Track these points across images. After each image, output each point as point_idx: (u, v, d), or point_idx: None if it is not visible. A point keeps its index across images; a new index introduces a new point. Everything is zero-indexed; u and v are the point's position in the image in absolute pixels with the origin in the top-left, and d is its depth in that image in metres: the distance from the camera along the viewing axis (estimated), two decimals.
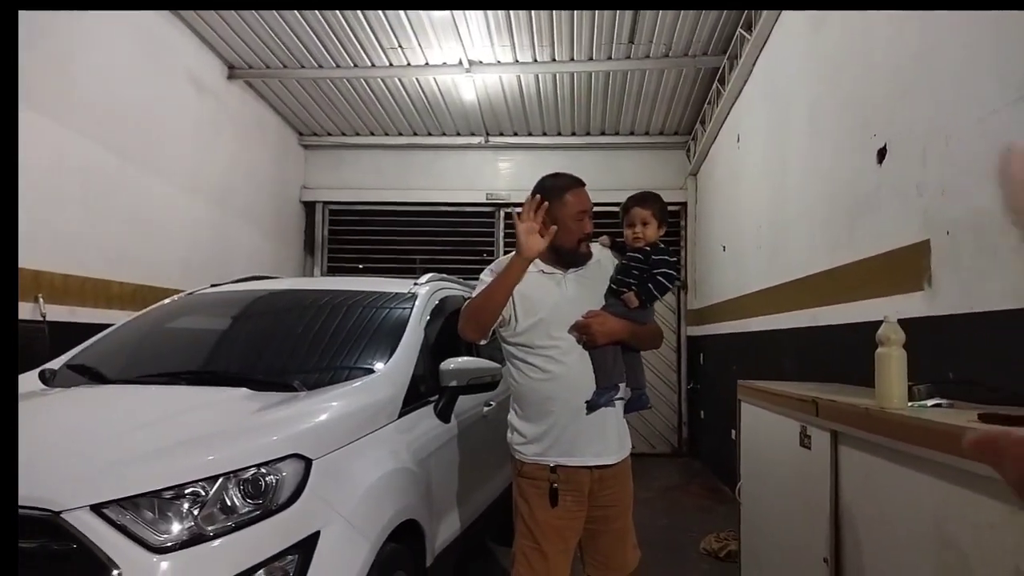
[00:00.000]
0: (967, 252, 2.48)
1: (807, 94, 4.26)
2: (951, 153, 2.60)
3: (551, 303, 2.28)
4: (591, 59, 6.41)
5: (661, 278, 2.28)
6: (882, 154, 3.17)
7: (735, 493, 3.51)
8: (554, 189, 2.36)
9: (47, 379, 2.67)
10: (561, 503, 2.22)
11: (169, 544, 1.67)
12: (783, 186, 4.73)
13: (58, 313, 4.47)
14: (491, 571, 3.93)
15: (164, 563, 1.64)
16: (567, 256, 2.34)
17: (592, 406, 2.23)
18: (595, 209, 2.44)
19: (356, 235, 8.93)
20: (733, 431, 5.23)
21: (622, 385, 2.31)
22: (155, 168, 5.58)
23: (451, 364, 2.82)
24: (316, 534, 1.86)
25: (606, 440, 2.28)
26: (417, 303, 3.11)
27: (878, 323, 2.12)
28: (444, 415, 2.89)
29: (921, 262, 2.75)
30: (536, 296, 2.29)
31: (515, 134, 8.43)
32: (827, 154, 3.90)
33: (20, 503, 1.65)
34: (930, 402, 2.03)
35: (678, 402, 8.29)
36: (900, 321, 2.07)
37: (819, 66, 4.07)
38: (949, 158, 2.62)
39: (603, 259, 2.44)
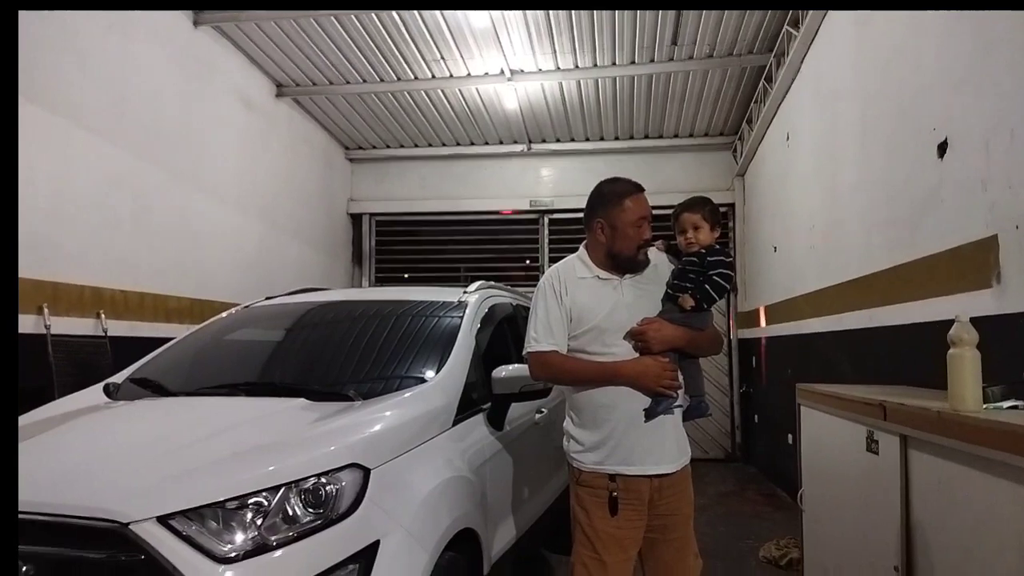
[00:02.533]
0: None
1: (858, 90, 4.15)
2: (1016, 146, 2.50)
3: (607, 310, 2.26)
4: (633, 63, 6.38)
5: (717, 278, 2.24)
6: (943, 148, 3.06)
7: (797, 499, 3.41)
8: (612, 195, 2.33)
9: (111, 392, 2.75)
10: (621, 512, 2.19)
11: (233, 554, 1.69)
12: (836, 184, 4.61)
13: (119, 328, 4.62)
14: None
15: (229, 573, 1.67)
16: (625, 263, 2.31)
17: (650, 414, 2.20)
18: None
19: (402, 245, 9.04)
20: (790, 435, 5.10)
21: (680, 392, 2.27)
22: (205, 185, 5.75)
23: (503, 372, 2.81)
24: (376, 543, 1.87)
25: (665, 448, 2.24)
26: (467, 311, 3.12)
27: (942, 322, 2.05)
28: (497, 423, 2.88)
29: (989, 258, 2.64)
30: (591, 303, 2.27)
31: (557, 140, 8.42)
32: (882, 150, 3.79)
33: (89, 515, 1.70)
34: (1006, 404, 1.95)
35: (731, 406, 8.14)
36: (968, 320, 1.99)
37: (870, 61, 3.96)
38: (1014, 151, 2.51)
39: (660, 264, 2.40)
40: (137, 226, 4.91)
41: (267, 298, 3.69)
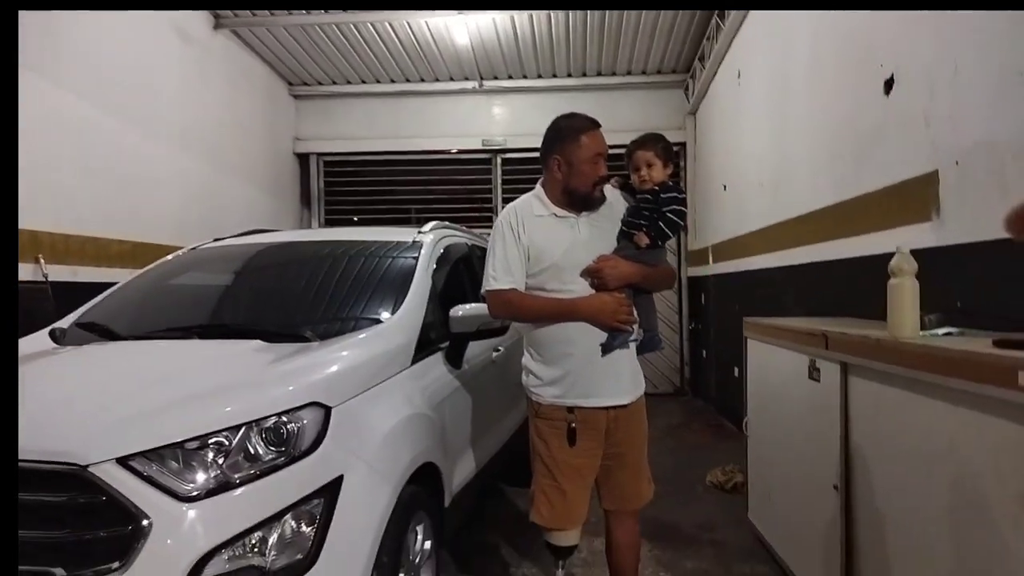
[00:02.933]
0: (975, 181, 2.47)
1: (809, 25, 4.17)
2: (959, 82, 2.56)
3: (563, 248, 2.27)
4: None
5: (671, 215, 2.27)
6: (889, 85, 3.12)
7: (742, 428, 3.57)
8: (569, 131, 2.32)
9: (58, 338, 2.67)
10: (579, 442, 2.26)
11: (196, 493, 1.69)
12: (785, 122, 4.67)
13: (60, 273, 4.45)
14: (505, 510, 4.03)
15: (192, 511, 1.67)
16: (580, 200, 2.31)
17: (607, 348, 2.24)
18: None
19: (352, 187, 8.84)
20: (736, 369, 5.30)
21: (635, 326, 2.32)
22: (145, 124, 5.48)
23: (460, 311, 2.82)
24: (339, 479, 1.89)
25: (621, 381, 2.30)
26: (423, 251, 3.10)
27: (885, 256, 2.13)
28: (455, 361, 2.91)
29: (929, 193, 2.74)
30: (548, 242, 2.28)
31: (510, 77, 8.26)
32: (831, 87, 3.84)
33: (46, 458, 1.68)
34: (941, 331, 2.06)
35: (680, 343, 8.37)
36: (908, 251, 2.07)
37: None
38: (958, 87, 2.58)
39: (615, 202, 2.40)
40: (75, 167, 4.66)
41: (215, 240, 3.59)
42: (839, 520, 2.40)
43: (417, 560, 2.33)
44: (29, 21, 4.19)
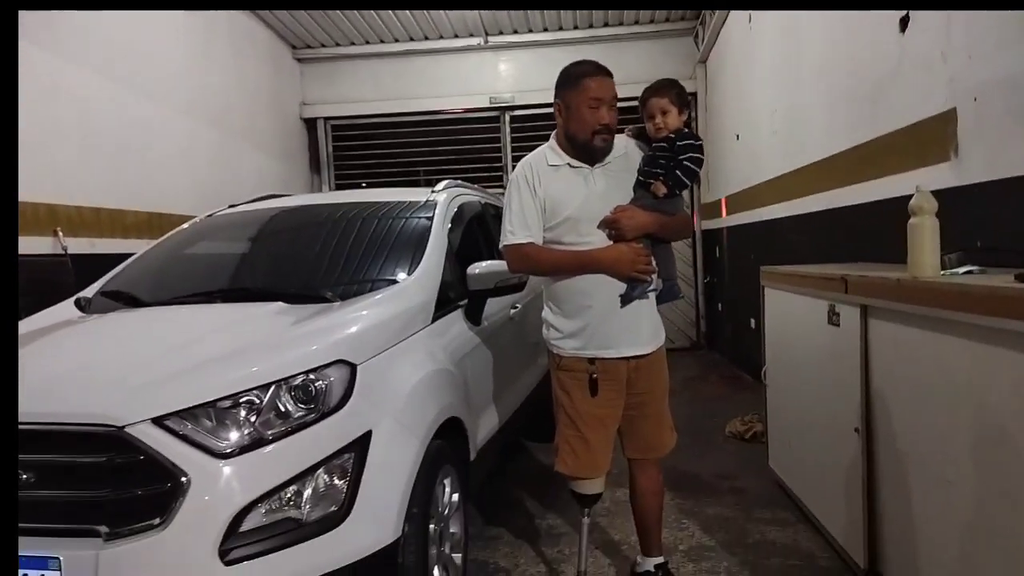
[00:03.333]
0: (994, 118, 2.43)
1: None
2: (978, 16, 2.50)
3: (579, 200, 2.26)
4: None
5: (688, 163, 2.24)
6: (904, 22, 3.05)
7: (760, 377, 3.60)
8: (573, 75, 2.29)
9: (83, 307, 2.72)
10: (601, 393, 2.28)
11: (231, 450, 1.74)
12: (799, 66, 4.58)
13: (78, 246, 4.50)
14: (528, 465, 4.10)
15: (228, 467, 1.72)
16: (581, 148, 2.28)
17: (626, 299, 2.25)
18: None
19: (361, 150, 8.80)
20: (752, 320, 5.30)
21: (654, 277, 2.32)
22: (151, 94, 5.47)
23: (477, 268, 2.84)
24: (368, 433, 1.93)
25: (640, 331, 2.31)
26: (437, 210, 3.10)
27: (903, 199, 2.11)
28: (474, 318, 2.93)
29: (947, 132, 2.69)
30: (564, 194, 2.27)
31: (515, 32, 8.13)
32: (844, 26, 3.76)
33: (84, 420, 1.72)
34: (961, 270, 2.04)
35: (695, 297, 8.37)
36: (928, 191, 2.05)
37: None
38: (975, 21, 2.52)
39: (630, 151, 2.38)
40: (83, 138, 4.67)
41: (230, 206, 3.61)
42: (860, 463, 2.43)
43: (446, 512, 2.38)
44: None
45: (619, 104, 2.32)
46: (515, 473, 3.95)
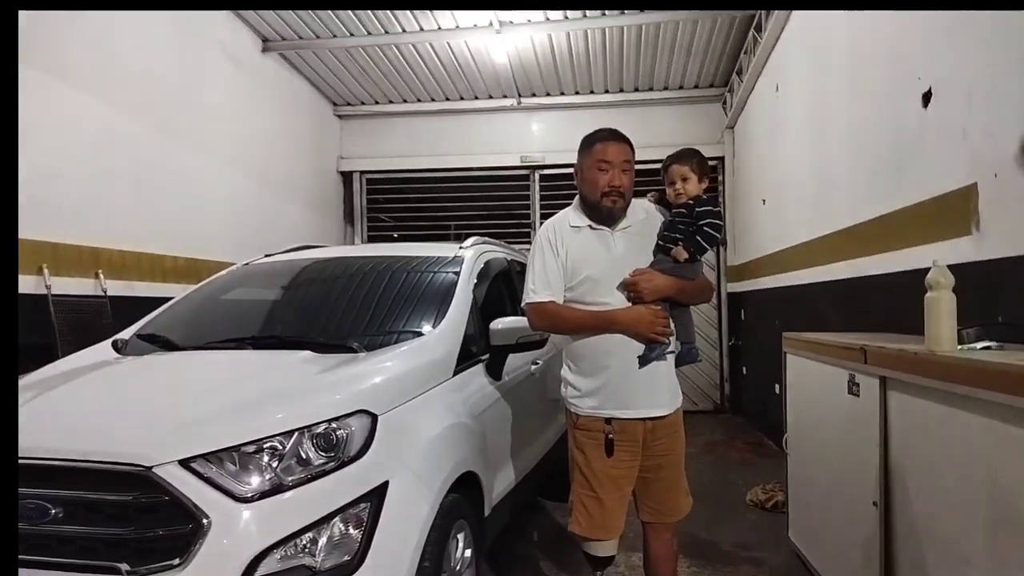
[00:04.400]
0: (1015, 194, 2.45)
1: (847, 38, 4.17)
2: (997, 94, 2.56)
3: (600, 261, 2.33)
4: (623, 12, 6.33)
5: (708, 228, 2.31)
6: (927, 98, 3.12)
7: (781, 445, 3.56)
8: (587, 141, 2.42)
9: (119, 348, 2.82)
10: (616, 453, 2.30)
11: (252, 494, 1.79)
12: (825, 135, 4.66)
13: (117, 288, 4.67)
14: (542, 523, 4.06)
15: (248, 512, 1.77)
16: (592, 209, 2.37)
17: (644, 360, 2.29)
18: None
19: (393, 203, 9.05)
20: (777, 386, 5.25)
21: (672, 339, 2.36)
22: (196, 143, 5.73)
23: (500, 324, 2.90)
24: (386, 484, 1.97)
25: (658, 393, 2.34)
26: (464, 265, 3.19)
27: (924, 270, 2.13)
28: (495, 373, 2.98)
29: (969, 206, 2.72)
30: (585, 255, 2.35)
31: (547, 94, 8.38)
32: (870, 100, 3.84)
33: (114, 459, 1.79)
34: (979, 345, 2.05)
35: (720, 359, 8.31)
36: (948, 267, 2.08)
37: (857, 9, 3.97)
38: (995, 99, 2.57)
39: (651, 215, 2.46)
40: (132, 186, 4.91)
41: (266, 255, 3.74)
42: (878, 537, 2.38)
43: (458, 567, 2.39)
44: (81, 41, 4.45)
45: (649, 168, 2.40)
46: (530, 530, 3.91)
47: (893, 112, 3.48)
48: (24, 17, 3.90)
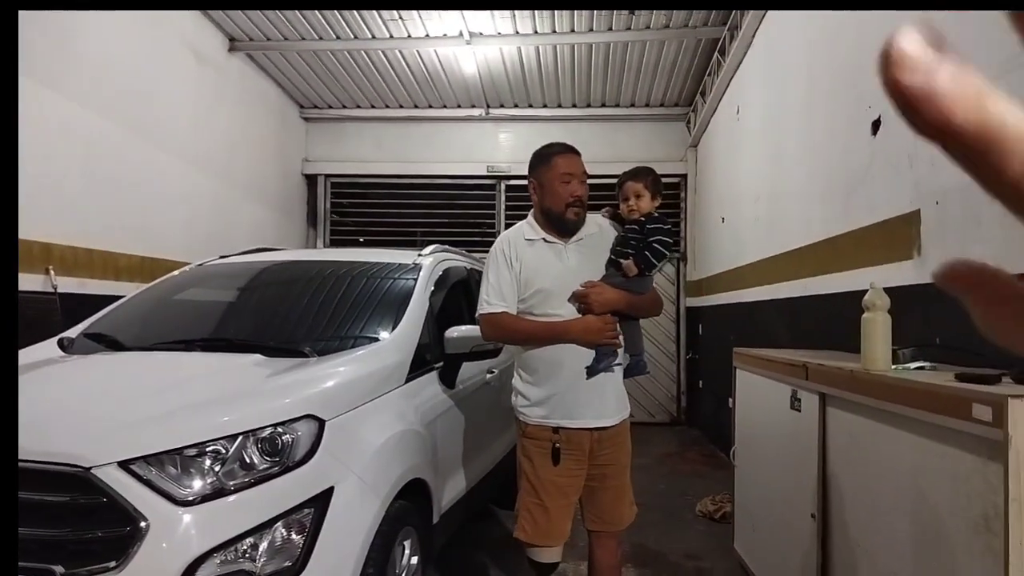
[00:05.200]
0: (954, 221, 2.56)
1: (804, 65, 4.31)
2: None
3: (552, 274, 2.38)
4: (591, 30, 6.43)
5: (657, 245, 2.36)
6: (876, 126, 3.23)
7: (730, 458, 3.63)
8: (543, 155, 2.47)
9: (66, 347, 2.76)
10: (563, 462, 2.34)
11: (192, 498, 1.78)
12: (780, 158, 4.79)
13: (68, 285, 4.56)
14: (493, 531, 4.07)
15: (188, 515, 1.75)
16: (556, 221, 2.42)
17: (591, 371, 2.33)
18: (596, 181, 2.52)
19: (358, 208, 9.00)
20: (731, 399, 5.36)
21: (620, 351, 2.40)
22: (157, 141, 5.64)
23: (455, 332, 2.92)
24: (330, 490, 1.97)
25: (605, 403, 2.38)
26: (422, 273, 3.20)
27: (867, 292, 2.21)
28: (449, 381, 2.99)
29: (912, 231, 2.83)
30: (538, 267, 2.39)
31: (515, 106, 8.44)
32: (823, 126, 3.96)
33: (51, 459, 1.76)
34: (913, 365, 2.13)
35: (677, 372, 8.42)
36: (891, 289, 2.16)
37: (815, 36, 4.11)
38: None
39: (604, 230, 2.51)
40: (87, 180, 4.80)
41: (221, 257, 3.70)
42: (816, 549, 2.45)
43: (403, 574, 2.39)
44: (43, 36, 4.35)
45: (611, 182, 2.46)
46: (480, 538, 3.92)
47: (844, 139, 3.60)
48: None
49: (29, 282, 4.26)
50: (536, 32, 6.50)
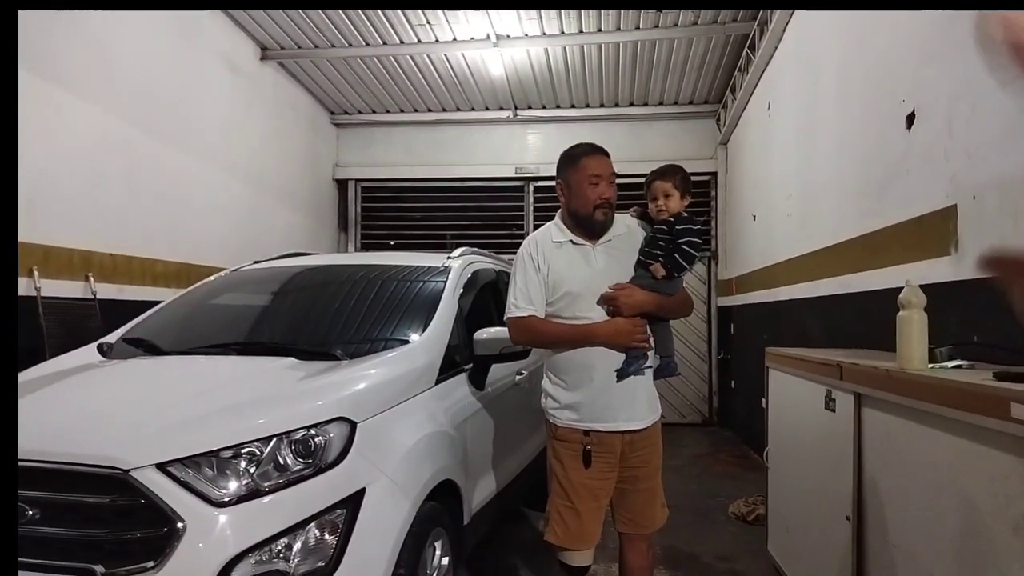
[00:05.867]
0: (992, 216, 2.50)
1: (836, 59, 4.24)
2: (977, 117, 2.61)
3: (580, 277, 2.36)
4: (618, 29, 6.40)
5: (686, 247, 2.33)
6: (911, 119, 3.17)
7: (763, 459, 3.59)
8: (571, 156, 2.45)
9: (105, 351, 2.84)
10: (594, 465, 2.32)
11: (228, 499, 1.82)
12: (813, 153, 4.72)
13: (107, 291, 4.69)
14: (524, 533, 4.08)
15: (224, 516, 1.79)
16: (584, 222, 2.40)
17: (621, 375, 2.31)
18: (625, 181, 2.49)
19: (388, 211, 9.09)
20: (763, 400, 5.29)
21: (651, 353, 2.39)
22: (192, 149, 5.77)
23: (484, 334, 2.93)
24: (362, 491, 1.99)
25: (636, 406, 2.36)
26: (451, 276, 3.22)
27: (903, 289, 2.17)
28: (478, 383, 3.00)
29: (948, 227, 2.77)
30: (566, 270, 2.37)
31: (543, 107, 8.44)
32: (856, 120, 3.89)
33: (92, 462, 1.81)
34: (951, 364, 2.08)
35: (708, 372, 8.34)
36: (927, 286, 2.12)
37: (848, 30, 4.04)
38: (975, 122, 2.62)
39: (633, 230, 2.48)
40: (125, 189, 4.94)
41: (255, 262, 3.77)
42: (851, 552, 2.41)
43: (434, 575, 2.41)
44: (80, 47, 4.48)
45: (642, 181, 2.45)
46: (511, 539, 3.93)
47: (878, 133, 3.53)
48: (21, 19, 3.94)
49: (70, 289, 4.39)
50: (563, 32, 6.50)
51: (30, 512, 1.81)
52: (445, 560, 2.47)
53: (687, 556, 3.72)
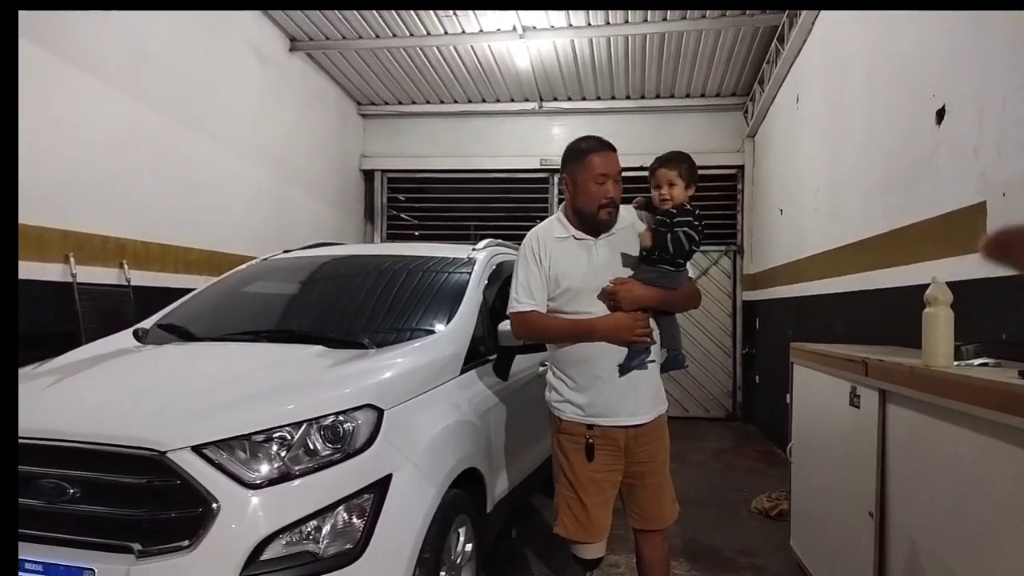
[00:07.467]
0: (1021, 213, 2.46)
1: (865, 52, 4.19)
2: (1007, 114, 2.57)
3: (581, 272, 2.33)
4: (645, 20, 6.38)
5: (681, 236, 2.25)
6: (940, 115, 3.13)
7: (787, 454, 3.58)
8: (578, 151, 2.37)
9: (141, 337, 2.93)
10: (597, 457, 2.32)
11: (260, 481, 1.87)
12: (841, 148, 4.67)
13: (141, 279, 4.80)
14: (544, 522, 4.11)
15: (256, 498, 1.85)
16: (588, 220, 2.35)
17: (624, 369, 2.29)
18: (644, 174, 2.47)
19: (414, 202, 9.17)
20: (788, 395, 5.27)
21: (656, 347, 2.37)
22: (221, 139, 5.87)
23: (507, 325, 2.95)
24: (389, 476, 2.04)
25: (639, 401, 2.34)
26: (476, 267, 3.25)
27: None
28: (502, 373, 3.04)
29: (977, 224, 2.74)
30: (567, 266, 2.35)
31: (569, 99, 8.43)
32: (885, 115, 3.85)
33: (130, 443, 1.88)
34: (977, 361, 2.08)
35: (733, 367, 8.30)
36: (956, 283, 2.10)
37: (877, 23, 3.99)
38: (1005, 119, 2.59)
39: (636, 224, 2.43)
40: (157, 179, 5.04)
41: (285, 251, 3.84)
42: (873, 549, 2.41)
43: (458, 560, 2.46)
44: (111, 38, 4.57)
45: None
46: (529, 528, 3.97)
47: (907, 128, 3.49)
48: (56, 13, 4.04)
49: (105, 276, 4.51)
50: (589, 24, 6.48)
51: (71, 491, 1.88)
52: (469, 547, 2.52)
53: (709, 550, 3.74)
